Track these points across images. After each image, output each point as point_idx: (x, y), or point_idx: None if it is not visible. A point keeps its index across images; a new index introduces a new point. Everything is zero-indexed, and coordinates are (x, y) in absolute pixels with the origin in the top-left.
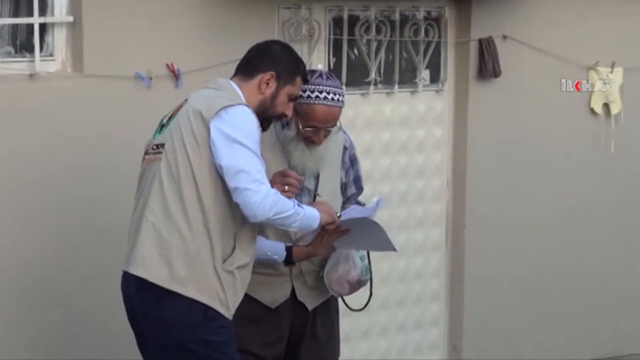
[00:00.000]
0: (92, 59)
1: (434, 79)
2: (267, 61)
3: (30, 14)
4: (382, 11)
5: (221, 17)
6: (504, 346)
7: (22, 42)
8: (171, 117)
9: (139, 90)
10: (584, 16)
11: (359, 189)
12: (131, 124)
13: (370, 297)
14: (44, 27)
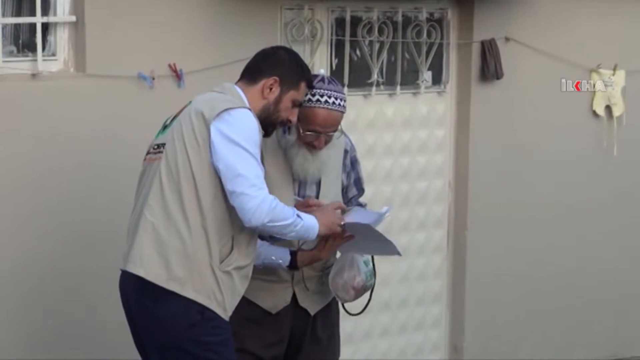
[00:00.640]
0: (94, 59)
1: (436, 80)
2: (272, 66)
3: (32, 13)
4: (384, 12)
5: (224, 18)
6: (505, 348)
7: (24, 41)
8: (174, 118)
9: (142, 90)
10: (586, 18)
11: (360, 190)
12: (133, 124)
13: (368, 302)
14: (46, 27)
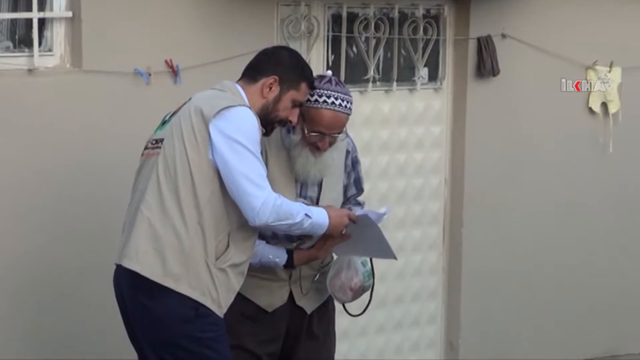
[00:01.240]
0: (91, 55)
1: (433, 77)
2: (272, 65)
3: (29, 8)
4: (381, 9)
5: (220, 14)
6: (501, 344)
7: (21, 37)
8: (174, 114)
9: (138, 86)
10: (583, 15)
11: (360, 190)
12: (130, 120)
13: (369, 302)
14: (42, 22)
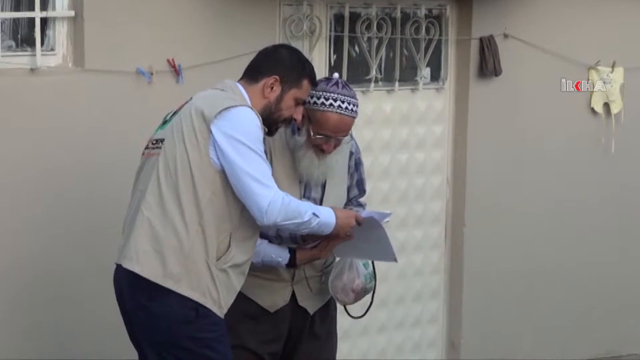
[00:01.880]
0: (93, 54)
1: (435, 77)
2: (272, 65)
3: (31, 8)
4: (383, 8)
5: (223, 13)
6: (502, 344)
7: (23, 36)
8: (175, 113)
9: (140, 85)
10: (585, 15)
11: (362, 191)
12: (132, 119)
13: (370, 304)
14: (45, 22)
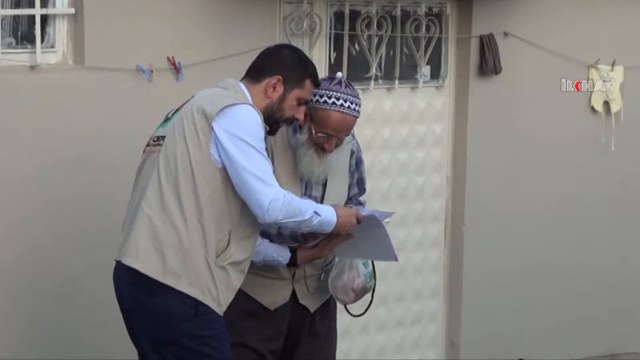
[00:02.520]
0: (93, 51)
1: (435, 75)
2: (275, 65)
3: (31, 5)
4: (383, 7)
5: (223, 11)
6: (502, 343)
7: (23, 33)
8: (176, 111)
9: (140, 83)
10: (585, 14)
11: (362, 190)
12: (132, 117)
13: (370, 303)
14: (45, 19)
